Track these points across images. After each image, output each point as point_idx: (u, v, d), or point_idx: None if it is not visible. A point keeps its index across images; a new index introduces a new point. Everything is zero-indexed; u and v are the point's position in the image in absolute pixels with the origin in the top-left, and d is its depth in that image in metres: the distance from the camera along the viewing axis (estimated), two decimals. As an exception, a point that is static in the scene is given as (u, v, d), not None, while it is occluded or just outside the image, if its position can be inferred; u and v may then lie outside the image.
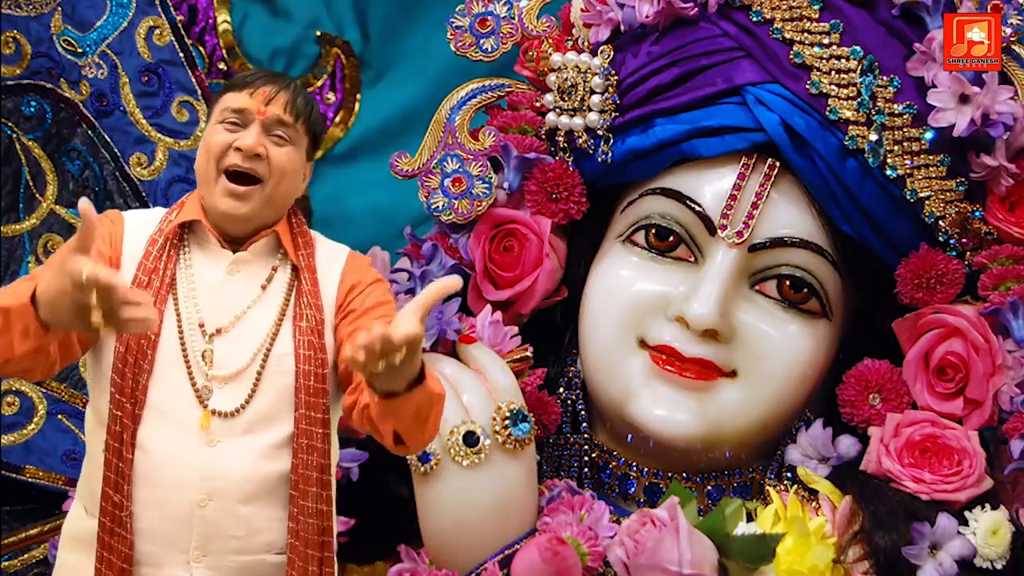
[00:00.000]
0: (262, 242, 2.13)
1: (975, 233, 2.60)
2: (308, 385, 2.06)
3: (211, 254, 2.12)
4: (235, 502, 2.04)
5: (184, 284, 2.09)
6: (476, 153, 2.73)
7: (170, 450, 2.03)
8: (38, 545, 2.90)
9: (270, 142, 2.10)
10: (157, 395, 2.04)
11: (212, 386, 2.05)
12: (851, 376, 2.65)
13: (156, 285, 2.06)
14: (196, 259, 2.12)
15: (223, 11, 3.23)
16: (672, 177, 2.65)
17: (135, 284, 2.05)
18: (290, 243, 2.14)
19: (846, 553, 2.47)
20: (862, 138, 2.55)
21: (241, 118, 2.10)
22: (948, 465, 2.51)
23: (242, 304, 2.10)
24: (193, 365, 2.05)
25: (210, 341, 2.07)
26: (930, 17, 2.57)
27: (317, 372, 2.07)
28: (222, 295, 2.09)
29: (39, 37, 2.97)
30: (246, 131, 2.09)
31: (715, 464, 2.69)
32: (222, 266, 2.11)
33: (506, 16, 2.76)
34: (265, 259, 2.14)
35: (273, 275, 2.13)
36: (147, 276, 2.07)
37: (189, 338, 2.06)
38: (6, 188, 2.98)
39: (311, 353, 2.07)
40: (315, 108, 2.16)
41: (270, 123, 2.10)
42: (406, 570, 2.56)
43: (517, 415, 2.53)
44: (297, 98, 2.13)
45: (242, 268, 2.11)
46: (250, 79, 2.14)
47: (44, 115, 3.00)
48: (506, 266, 2.72)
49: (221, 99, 2.14)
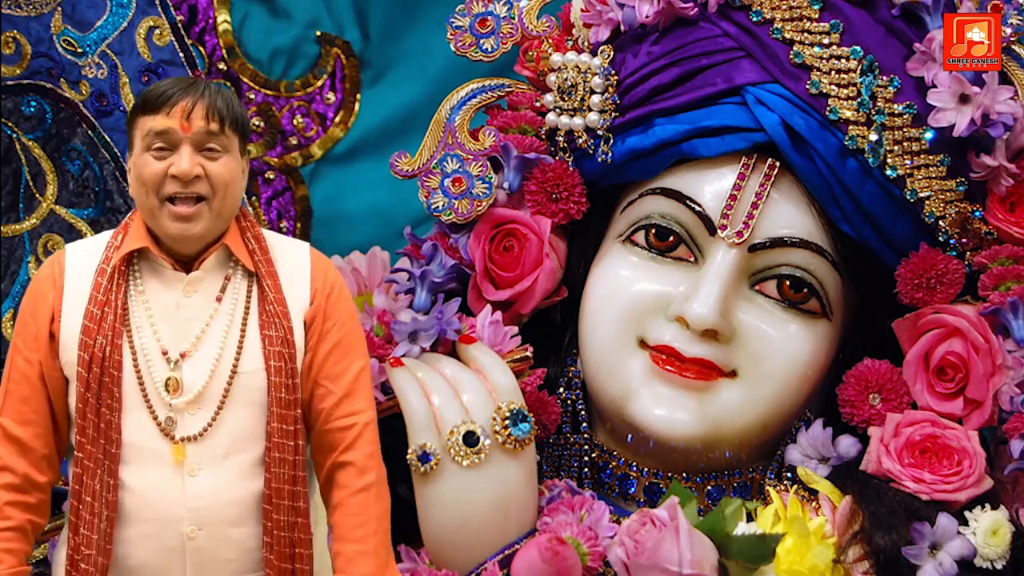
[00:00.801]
0: (213, 256, 2.07)
1: (975, 233, 2.60)
2: (279, 397, 2.03)
3: (164, 278, 2.06)
4: (225, 527, 2.04)
5: (139, 313, 2.04)
6: (476, 153, 2.73)
7: (153, 484, 2.01)
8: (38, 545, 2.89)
9: (204, 158, 2.01)
10: (129, 431, 2.01)
11: (176, 416, 2.01)
12: (851, 376, 2.65)
13: (110, 318, 2.01)
14: (149, 285, 2.06)
15: (223, 11, 3.23)
16: (672, 177, 2.65)
17: (87, 319, 2.01)
18: (243, 250, 2.08)
19: (846, 553, 2.47)
20: (862, 138, 2.55)
21: (167, 140, 2.00)
22: (948, 465, 2.51)
23: (201, 324, 2.05)
24: (152, 397, 2.01)
25: (175, 368, 2.02)
26: (930, 17, 2.57)
27: (287, 383, 2.04)
28: (180, 318, 2.04)
29: (39, 37, 2.97)
30: (176, 154, 2.00)
31: (715, 464, 2.69)
32: (177, 289, 2.05)
33: (506, 16, 2.76)
34: (218, 271, 2.08)
35: (226, 284, 2.08)
36: (99, 309, 2.02)
37: (148, 369, 2.02)
38: (6, 188, 2.98)
39: (281, 364, 2.03)
40: (233, 102, 2.06)
41: (198, 138, 2.00)
42: (406, 570, 2.55)
43: (517, 415, 2.53)
44: (216, 100, 2.03)
45: (198, 287, 2.06)
46: (163, 97, 2.01)
47: (44, 115, 3.00)
48: (506, 266, 2.72)
49: (137, 123, 2.03)
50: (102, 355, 1.99)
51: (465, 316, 2.69)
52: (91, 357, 1.99)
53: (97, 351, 1.99)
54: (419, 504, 2.54)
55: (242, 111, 2.10)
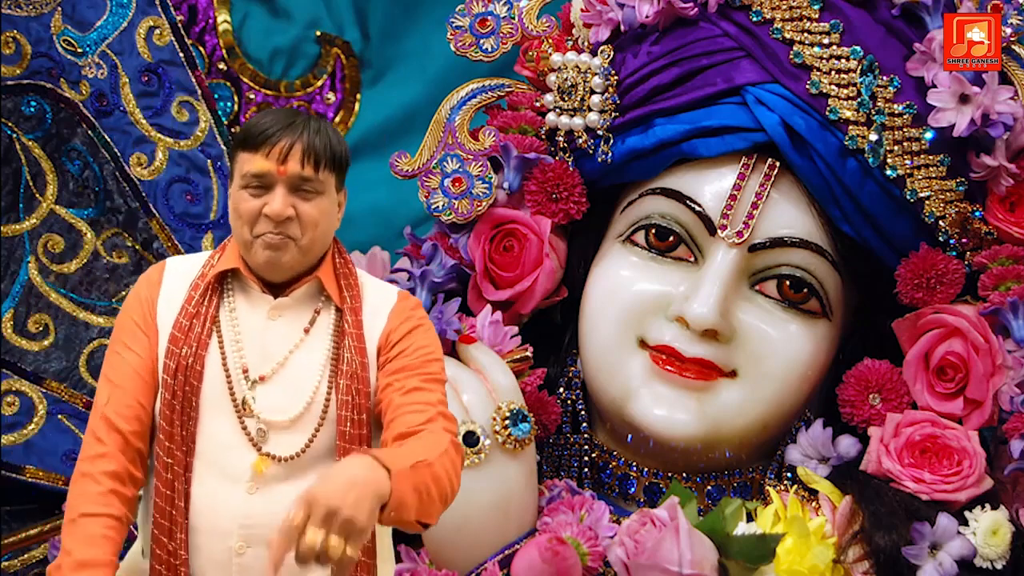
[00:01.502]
0: (304, 287, 2.09)
1: (975, 233, 2.60)
2: (345, 431, 2.02)
3: (252, 300, 2.09)
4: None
5: (229, 328, 2.07)
6: (476, 153, 2.73)
7: (215, 497, 2.02)
8: (38, 545, 2.89)
9: (298, 199, 2.03)
10: (204, 441, 2.03)
11: (267, 430, 2.03)
12: (851, 376, 2.65)
13: (197, 330, 2.05)
14: (239, 304, 2.09)
15: (223, 11, 3.23)
16: (672, 177, 2.65)
17: (176, 328, 2.05)
18: (334, 286, 2.09)
19: (846, 553, 2.47)
20: (862, 138, 2.55)
21: (263, 181, 2.03)
22: (948, 465, 2.51)
23: (284, 350, 2.06)
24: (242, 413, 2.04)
25: (252, 388, 2.04)
26: (930, 17, 2.58)
27: (355, 418, 2.03)
28: (264, 341, 2.06)
29: (39, 37, 2.96)
30: (272, 194, 2.02)
31: (715, 464, 2.69)
32: (263, 311, 2.07)
33: (506, 16, 2.76)
34: (307, 303, 2.09)
35: (316, 318, 2.09)
36: (188, 320, 2.05)
37: (236, 383, 2.04)
38: (6, 188, 2.98)
39: (349, 398, 2.03)
40: (332, 140, 2.07)
41: (293, 180, 2.02)
42: (406, 570, 2.56)
43: (517, 415, 2.53)
44: (314, 141, 2.04)
45: (283, 313, 2.08)
46: (262, 136, 2.03)
47: (44, 115, 3.00)
48: (506, 266, 2.72)
49: (238, 159, 2.06)
50: (186, 364, 2.03)
51: (465, 316, 2.69)
52: (176, 366, 2.03)
53: (182, 360, 2.03)
54: (419, 504, 2.54)
55: (341, 148, 2.10)
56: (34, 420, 2.95)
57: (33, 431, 2.95)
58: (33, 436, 2.95)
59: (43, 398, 2.95)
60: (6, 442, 2.92)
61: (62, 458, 2.93)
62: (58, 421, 2.96)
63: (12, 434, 2.93)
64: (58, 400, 2.96)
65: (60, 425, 2.96)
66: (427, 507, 1.93)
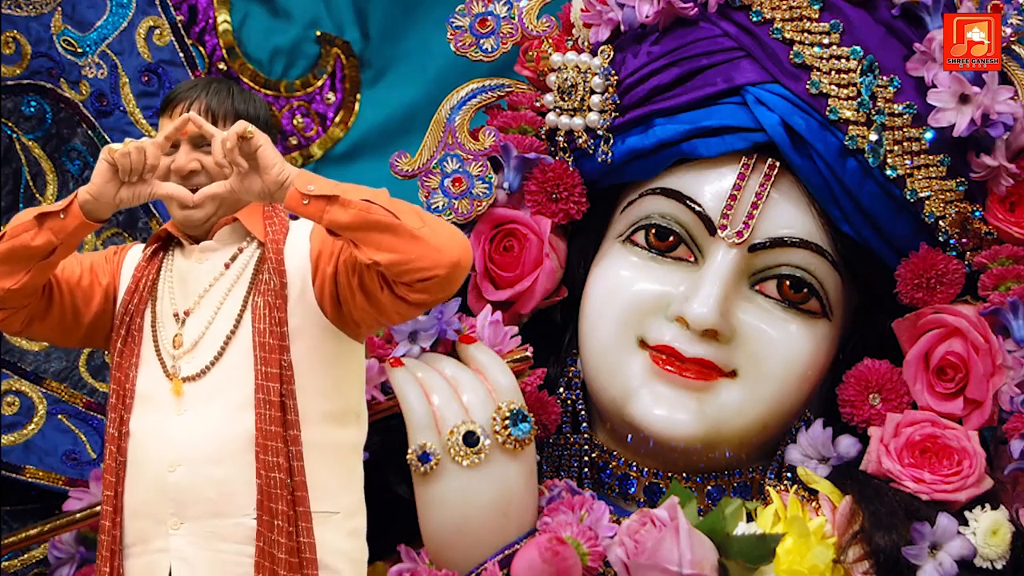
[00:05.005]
0: (227, 229, 2.21)
1: (975, 233, 2.60)
2: (264, 342, 2.11)
3: (186, 253, 2.23)
4: (203, 464, 2.10)
5: (166, 280, 2.22)
6: (476, 153, 2.73)
7: (148, 426, 2.14)
8: (38, 545, 2.89)
9: (202, 154, 2.16)
10: (140, 383, 2.17)
11: (180, 363, 2.15)
12: (851, 376, 2.65)
13: (141, 288, 2.21)
14: (176, 257, 2.24)
15: (223, 11, 3.23)
16: (672, 177, 2.65)
17: (126, 293, 2.23)
18: (258, 225, 2.20)
19: (846, 553, 2.47)
20: (862, 138, 2.55)
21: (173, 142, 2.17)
22: (948, 465, 2.51)
23: (206, 284, 2.19)
24: (163, 349, 2.17)
25: (182, 325, 2.17)
26: (930, 17, 2.58)
27: (273, 329, 2.11)
28: (189, 282, 2.20)
29: (39, 37, 2.97)
30: (178, 152, 2.16)
31: (715, 464, 2.69)
32: (192, 259, 2.21)
33: (506, 16, 2.76)
34: (231, 244, 2.21)
35: (238, 255, 2.20)
36: (135, 283, 2.23)
37: (162, 328, 2.18)
38: (6, 188, 2.98)
39: (267, 312, 2.12)
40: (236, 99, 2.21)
41: (194, 138, 2.15)
42: (406, 570, 2.56)
43: (517, 415, 2.53)
44: (211, 101, 2.19)
45: (209, 255, 2.21)
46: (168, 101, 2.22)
47: (44, 115, 3.00)
48: (506, 266, 2.73)
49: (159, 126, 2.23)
50: (129, 318, 2.20)
51: (465, 316, 2.69)
52: (120, 321, 2.21)
53: (126, 316, 2.20)
54: (419, 504, 2.54)
55: (246, 106, 2.22)
56: (34, 420, 2.95)
57: (33, 431, 2.95)
58: (33, 436, 2.95)
59: (43, 398, 2.96)
60: (6, 442, 2.92)
61: (62, 458, 2.94)
62: (58, 421, 2.96)
63: (12, 434, 2.93)
64: (58, 400, 2.96)
65: (60, 425, 2.96)
66: (390, 240, 2.00)
